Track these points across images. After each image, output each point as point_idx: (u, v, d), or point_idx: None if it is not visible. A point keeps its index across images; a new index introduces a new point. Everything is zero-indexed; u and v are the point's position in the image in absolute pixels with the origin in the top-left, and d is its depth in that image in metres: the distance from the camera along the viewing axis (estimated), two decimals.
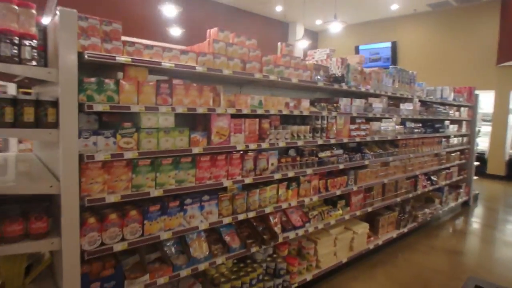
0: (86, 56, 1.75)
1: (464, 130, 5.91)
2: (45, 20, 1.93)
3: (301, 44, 9.78)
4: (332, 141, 3.23)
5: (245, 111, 2.51)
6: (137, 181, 2.02)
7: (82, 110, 1.77)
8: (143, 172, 2.04)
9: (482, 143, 9.41)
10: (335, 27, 8.13)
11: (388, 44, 11.01)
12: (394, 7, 9.80)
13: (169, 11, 6.99)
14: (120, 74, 2.19)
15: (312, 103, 3.22)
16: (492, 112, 9.16)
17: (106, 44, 1.89)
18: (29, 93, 2.69)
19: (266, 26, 11.36)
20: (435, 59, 10.08)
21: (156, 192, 2.08)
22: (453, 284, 3.33)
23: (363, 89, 3.57)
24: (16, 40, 1.57)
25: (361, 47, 11.63)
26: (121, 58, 1.89)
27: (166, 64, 2.08)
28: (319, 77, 3.17)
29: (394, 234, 4.10)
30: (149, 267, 2.14)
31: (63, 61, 1.67)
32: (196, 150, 2.24)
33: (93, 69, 2.09)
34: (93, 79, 1.82)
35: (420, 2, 9.39)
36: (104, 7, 7.59)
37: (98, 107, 1.81)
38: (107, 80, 1.86)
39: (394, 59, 10.97)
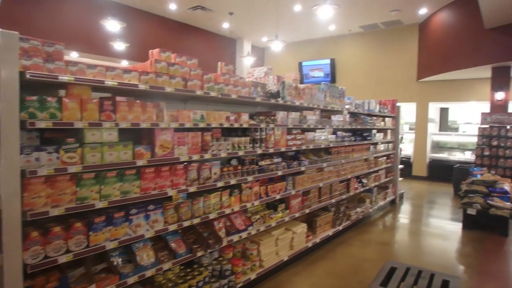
0: (27, 76, 1.84)
1: (389, 137, 6.76)
2: None
3: (247, 60, 10.21)
4: (271, 151, 3.58)
5: (188, 125, 2.73)
6: (82, 194, 2.11)
7: (24, 128, 1.85)
8: (88, 185, 2.14)
9: (408, 149, 10.68)
10: (277, 46, 8.78)
11: (328, 61, 12.01)
12: (332, 27, 10.81)
13: (112, 26, 6.92)
14: (62, 92, 2.28)
15: (251, 117, 3.55)
16: (415, 121, 10.49)
17: (48, 64, 1.99)
18: None
19: (215, 41, 11.64)
20: (368, 75, 11.27)
21: (101, 204, 2.18)
22: (379, 268, 3.85)
23: (297, 103, 4.00)
24: None
25: (303, 63, 12.51)
26: (64, 77, 2.01)
27: (109, 82, 2.23)
28: (255, 93, 3.51)
29: (330, 232, 4.56)
30: (95, 277, 2.21)
31: (4, 80, 1.75)
32: (140, 162, 2.39)
33: (36, 87, 2.16)
34: (34, 97, 1.90)
35: (354, 24, 10.50)
36: (45, 22, 7.16)
37: (41, 124, 1.90)
38: (49, 98, 1.96)
39: (333, 75, 11.98)
